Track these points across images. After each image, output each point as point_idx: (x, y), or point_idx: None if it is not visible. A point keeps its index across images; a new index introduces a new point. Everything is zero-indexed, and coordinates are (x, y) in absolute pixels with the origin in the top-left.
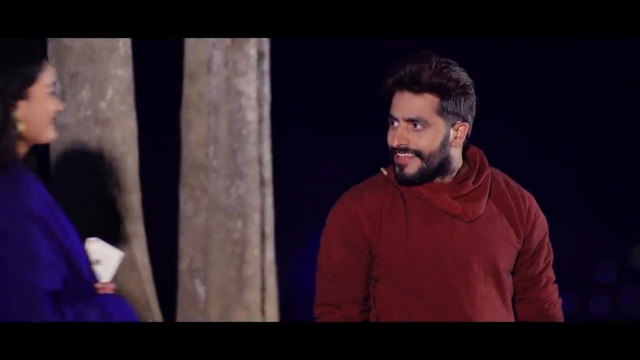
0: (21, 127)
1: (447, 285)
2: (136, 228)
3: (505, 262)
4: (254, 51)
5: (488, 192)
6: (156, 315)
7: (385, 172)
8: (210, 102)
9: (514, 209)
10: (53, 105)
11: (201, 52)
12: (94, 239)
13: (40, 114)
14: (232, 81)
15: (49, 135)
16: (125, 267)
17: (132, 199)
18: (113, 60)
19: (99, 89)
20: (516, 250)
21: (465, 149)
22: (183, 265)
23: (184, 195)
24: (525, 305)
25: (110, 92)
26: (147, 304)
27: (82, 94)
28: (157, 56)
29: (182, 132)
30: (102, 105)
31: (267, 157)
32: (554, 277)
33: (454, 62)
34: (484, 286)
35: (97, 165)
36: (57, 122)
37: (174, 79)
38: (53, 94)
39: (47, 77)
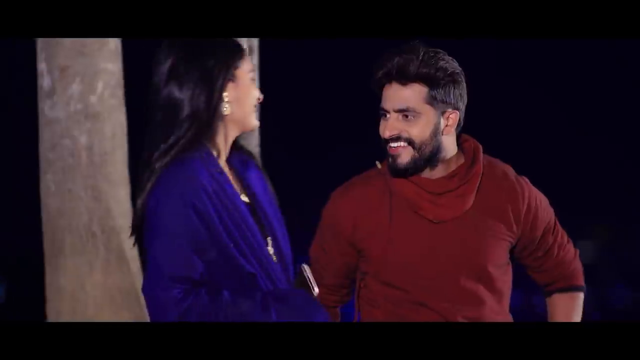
0: (230, 109)
1: (429, 281)
2: (125, 221)
3: (495, 258)
4: (245, 45)
5: (476, 188)
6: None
7: (379, 166)
8: None
9: (508, 203)
10: (256, 92)
11: None
12: (306, 265)
13: (245, 97)
14: None
15: (254, 122)
16: (115, 261)
17: (121, 193)
18: (103, 54)
19: (89, 83)
20: (508, 244)
21: (463, 140)
22: None
23: None
24: (542, 274)
25: (100, 86)
26: (137, 297)
27: (73, 88)
28: (148, 50)
29: None
30: (93, 99)
31: (256, 151)
32: (565, 239)
33: (442, 51)
34: (467, 283)
35: (87, 159)
36: (47, 116)
37: None
38: (254, 80)
39: (247, 64)
